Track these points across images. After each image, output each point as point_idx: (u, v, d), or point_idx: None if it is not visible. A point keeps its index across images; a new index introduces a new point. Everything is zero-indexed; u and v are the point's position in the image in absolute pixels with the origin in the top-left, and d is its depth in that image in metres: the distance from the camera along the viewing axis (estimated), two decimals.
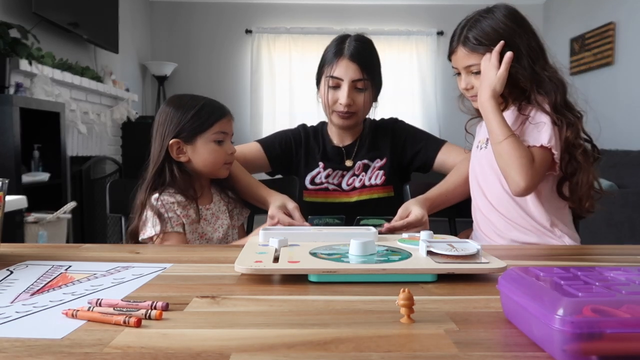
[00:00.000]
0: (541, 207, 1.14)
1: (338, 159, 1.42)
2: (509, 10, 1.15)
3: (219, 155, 1.17)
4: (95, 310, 0.52)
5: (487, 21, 1.14)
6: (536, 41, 1.15)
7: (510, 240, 1.15)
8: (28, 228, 2.25)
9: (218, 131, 1.16)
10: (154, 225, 1.10)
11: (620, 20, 3.94)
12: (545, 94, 1.11)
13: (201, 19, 4.99)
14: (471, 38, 1.15)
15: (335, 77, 1.31)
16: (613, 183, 3.16)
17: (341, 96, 1.31)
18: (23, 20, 2.74)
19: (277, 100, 4.98)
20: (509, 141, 1.07)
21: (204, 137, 1.15)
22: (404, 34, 5.01)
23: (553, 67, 1.15)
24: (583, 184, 1.10)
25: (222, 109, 1.19)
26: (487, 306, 0.56)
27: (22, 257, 0.81)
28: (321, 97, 1.37)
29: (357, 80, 1.30)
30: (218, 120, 1.16)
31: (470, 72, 1.18)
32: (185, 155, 1.16)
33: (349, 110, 1.32)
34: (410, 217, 1.12)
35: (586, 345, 0.39)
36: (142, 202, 1.14)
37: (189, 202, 1.15)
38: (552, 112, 1.10)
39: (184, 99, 1.19)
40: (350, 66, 1.30)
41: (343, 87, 1.31)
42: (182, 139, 1.15)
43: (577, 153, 1.09)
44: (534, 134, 1.10)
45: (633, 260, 0.84)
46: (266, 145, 1.43)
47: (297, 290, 0.64)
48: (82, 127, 3.12)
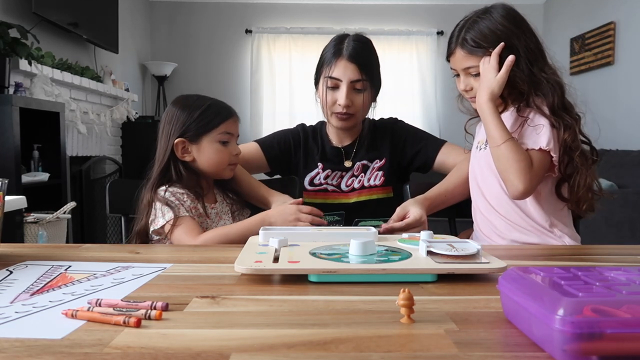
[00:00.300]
0: (540, 208, 1.14)
1: (337, 159, 1.41)
2: (507, 10, 1.15)
3: (224, 156, 1.17)
4: (95, 311, 0.52)
5: (484, 22, 1.13)
6: (534, 42, 1.14)
7: (511, 241, 1.15)
8: (28, 228, 2.25)
9: (223, 132, 1.16)
10: (164, 214, 1.10)
11: (620, 20, 3.94)
12: (543, 96, 1.11)
13: (201, 19, 4.99)
14: (469, 40, 1.14)
15: (333, 77, 1.31)
16: (613, 183, 3.16)
17: (340, 97, 1.30)
18: (23, 20, 2.74)
19: (277, 100, 4.98)
20: (507, 144, 1.07)
21: (209, 137, 1.16)
22: (404, 34, 5.01)
23: (552, 68, 1.15)
24: (581, 186, 1.09)
25: (228, 110, 1.19)
26: (487, 306, 0.56)
27: (21, 257, 0.81)
28: (320, 98, 1.37)
29: (355, 80, 1.30)
30: (224, 120, 1.17)
31: (469, 74, 1.17)
32: (190, 155, 1.16)
33: (347, 111, 1.32)
34: (409, 218, 1.12)
35: (586, 345, 0.39)
36: (149, 200, 1.13)
37: (197, 198, 1.15)
38: (550, 114, 1.09)
39: (190, 99, 1.20)
40: (348, 67, 1.30)
41: (342, 88, 1.30)
42: (187, 138, 1.15)
43: (575, 155, 1.08)
44: (533, 136, 1.10)
45: (633, 260, 0.84)
46: (264, 145, 1.43)
47: (297, 290, 0.64)
48: (82, 127, 3.12)
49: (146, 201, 1.14)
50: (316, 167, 1.40)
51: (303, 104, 4.79)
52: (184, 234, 1.08)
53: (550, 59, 1.16)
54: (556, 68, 1.16)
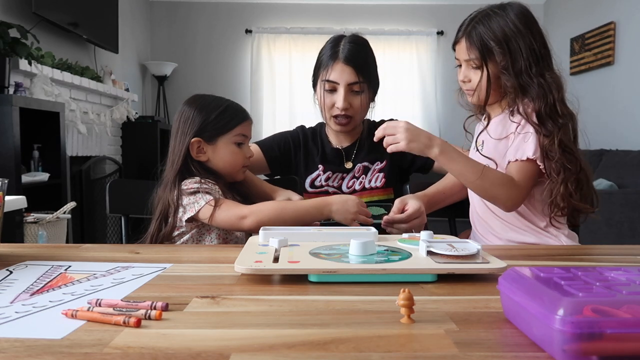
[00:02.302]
0: (534, 209, 1.14)
1: (337, 161, 1.41)
2: (522, 10, 1.14)
3: (239, 158, 1.18)
4: (95, 311, 0.52)
5: (497, 19, 1.12)
6: (541, 45, 1.13)
7: (507, 241, 1.15)
8: (28, 228, 2.25)
9: (239, 133, 1.17)
10: (198, 200, 1.07)
11: (620, 20, 3.94)
12: (532, 100, 1.09)
13: (201, 19, 5.00)
14: (477, 34, 1.13)
15: (331, 81, 1.31)
16: (613, 183, 3.16)
17: (338, 100, 1.30)
18: (23, 20, 2.74)
19: (277, 100, 4.98)
20: (483, 177, 1.05)
21: (225, 139, 1.16)
22: (404, 34, 5.01)
23: (556, 73, 1.13)
24: (553, 194, 1.08)
25: (244, 112, 1.20)
26: (487, 306, 0.56)
27: (21, 257, 0.81)
28: (318, 101, 1.37)
29: (352, 83, 1.30)
30: (240, 122, 1.17)
31: (470, 66, 1.17)
32: (205, 155, 1.16)
33: (346, 113, 1.32)
34: (409, 209, 1.12)
35: (586, 345, 0.39)
36: (173, 200, 1.10)
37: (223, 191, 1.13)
38: (536, 120, 1.08)
39: (207, 99, 1.20)
40: (345, 70, 1.29)
41: (339, 91, 1.30)
42: (203, 138, 1.15)
43: (551, 163, 1.07)
44: (522, 146, 1.09)
45: (633, 260, 0.84)
46: (264, 147, 1.42)
47: (297, 290, 0.64)
48: (82, 127, 3.12)
49: (169, 201, 1.11)
50: (317, 168, 1.40)
51: (303, 104, 4.79)
52: (230, 208, 1.05)
53: (556, 65, 1.15)
54: (561, 74, 1.14)
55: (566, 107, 1.12)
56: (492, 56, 1.12)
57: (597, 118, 3.88)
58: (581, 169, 1.09)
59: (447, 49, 4.93)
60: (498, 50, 1.11)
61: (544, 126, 1.08)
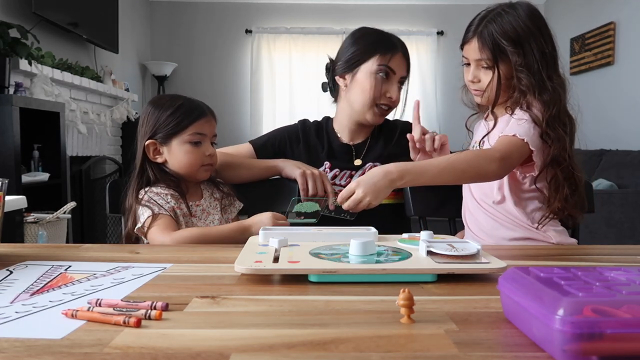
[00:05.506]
0: (522, 209, 1.14)
1: (346, 157, 1.37)
2: (532, 9, 1.12)
3: (195, 157, 1.15)
4: (95, 311, 0.52)
5: (508, 17, 1.10)
6: (551, 47, 1.12)
7: (497, 237, 1.15)
8: (28, 228, 2.25)
9: (194, 132, 1.14)
10: (143, 213, 1.10)
11: (620, 20, 3.94)
12: (544, 104, 1.08)
13: (201, 19, 5.00)
14: (490, 33, 1.11)
15: (391, 67, 1.31)
16: (613, 183, 3.17)
17: (392, 90, 1.32)
18: (23, 20, 2.74)
19: (277, 100, 4.98)
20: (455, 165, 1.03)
21: (179, 139, 1.14)
22: (404, 34, 5.00)
23: (561, 77, 1.12)
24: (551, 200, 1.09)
25: (200, 110, 1.16)
26: (487, 306, 0.56)
27: (21, 257, 0.81)
28: (361, 88, 1.32)
29: (403, 78, 1.35)
30: (194, 121, 1.14)
31: (480, 66, 1.15)
32: (161, 156, 1.16)
33: (393, 105, 1.35)
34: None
35: (586, 345, 0.38)
36: (131, 204, 1.13)
37: (179, 196, 1.14)
38: (545, 125, 1.06)
39: (163, 99, 1.18)
40: (402, 63, 1.33)
41: (393, 81, 1.32)
42: (157, 139, 1.14)
43: (559, 169, 1.06)
44: (513, 126, 1.08)
45: (633, 260, 0.84)
46: (257, 146, 1.40)
47: (297, 290, 0.64)
48: (82, 127, 3.12)
49: (129, 206, 1.13)
50: (322, 165, 1.36)
51: (303, 104, 4.80)
52: (158, 232, 1.06)
53: (561, 68, 1.14)
54: (564, 78, 1.14)
55: (567, 112, 1.11)
56: (503, 56, 1.11)
57: (597, 118, 3.88)
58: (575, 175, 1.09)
59: (447, 49, 4.94)
60: (512, 50, 1.09)
61: (555, 131, 1.06)
